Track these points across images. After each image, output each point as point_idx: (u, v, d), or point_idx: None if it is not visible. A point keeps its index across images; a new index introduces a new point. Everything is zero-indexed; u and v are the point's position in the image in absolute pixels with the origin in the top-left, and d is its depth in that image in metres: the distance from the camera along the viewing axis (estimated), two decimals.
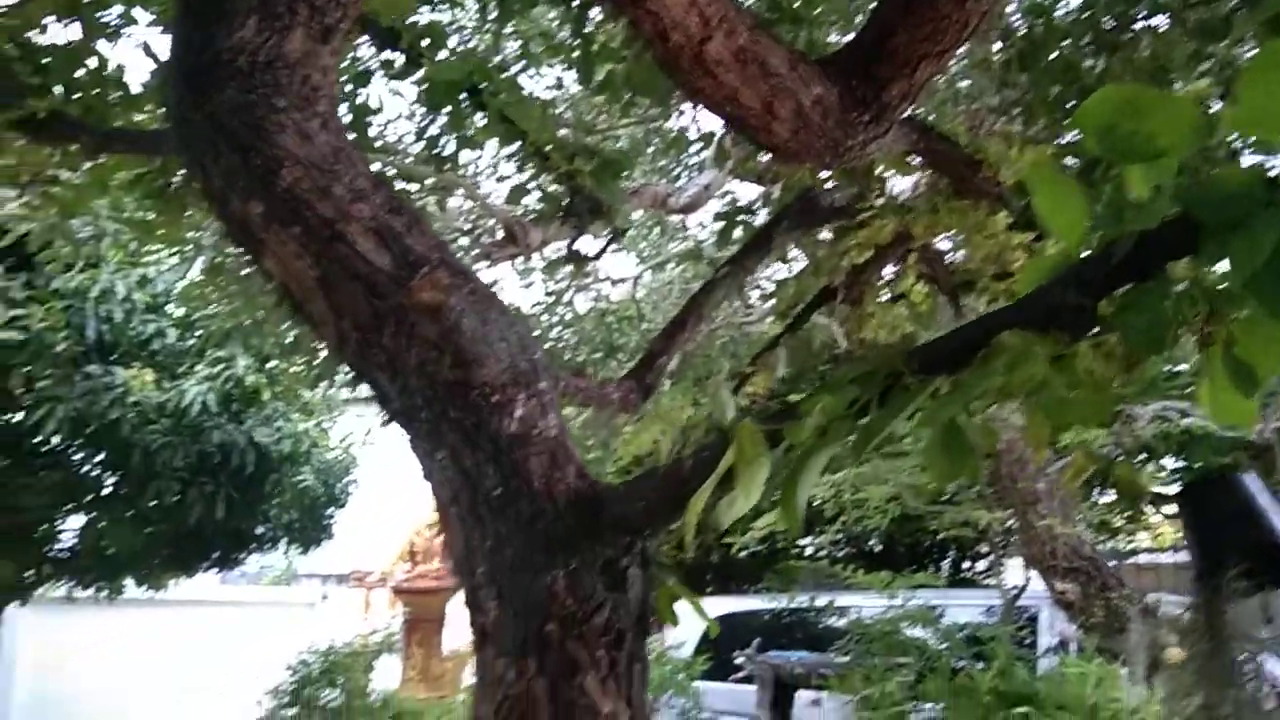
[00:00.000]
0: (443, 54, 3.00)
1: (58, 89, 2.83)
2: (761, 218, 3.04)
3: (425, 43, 2.91)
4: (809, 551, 8.94)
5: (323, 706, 7.20)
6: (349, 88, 3.34)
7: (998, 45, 2.67)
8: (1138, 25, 2.56)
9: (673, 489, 1.38)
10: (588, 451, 5.55)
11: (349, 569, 10.10)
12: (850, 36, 2.28)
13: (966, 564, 9.43)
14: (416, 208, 1.64)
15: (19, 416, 6.38)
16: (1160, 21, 2.60)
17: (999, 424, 6.01)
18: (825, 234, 3.03)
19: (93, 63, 2.91)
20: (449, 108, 2.88)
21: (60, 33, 2.96)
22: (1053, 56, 2.50)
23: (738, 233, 3.25)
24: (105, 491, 6.97)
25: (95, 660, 9.26)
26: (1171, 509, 6.82)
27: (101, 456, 6.70)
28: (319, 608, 10.92)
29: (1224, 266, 1.02)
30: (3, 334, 5.60)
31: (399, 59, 2.95)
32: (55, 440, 6.51)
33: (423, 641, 8.56)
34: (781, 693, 6.69)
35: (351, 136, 1.87)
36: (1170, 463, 6.87)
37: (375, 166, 2.15)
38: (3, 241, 5.16)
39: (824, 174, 2.41)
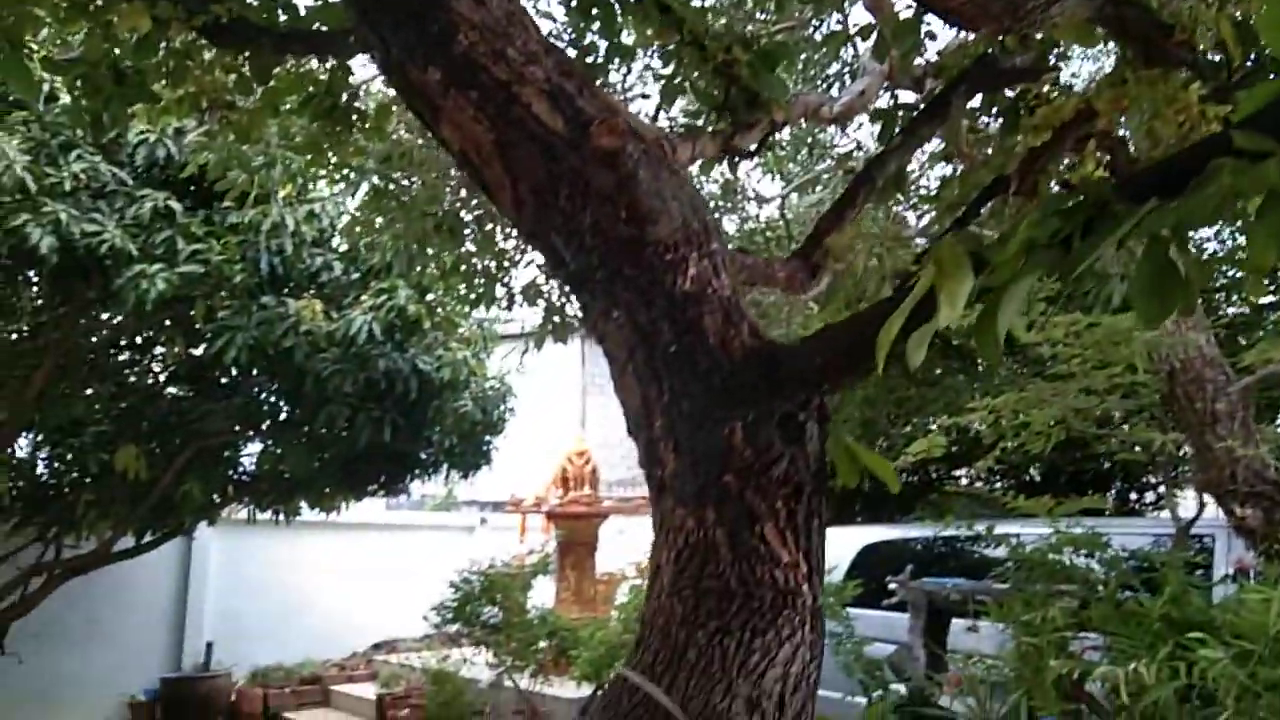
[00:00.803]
0: None
1: None
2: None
3: None
4: (964, 481, 8.72)
5: (484, 622, 7.51)
6: None
7: None
8: None
9: (851, 340, 1.36)
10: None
11: (506, 496, 10.45)
12: None
13: (1134, 495, 9.01)
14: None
15: (201, 350, 6.84)
16: None
17: (1177, 339, 5.68)
18: (995, 125, 2.88)
19: None
20: (601, 9, 2.86)
21: None
22: None
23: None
24: (281, 418, 7.42)
25: (275, 579, 9.94)
26: None
27: (277, 384, 7.11)
28: (478, 532, 11.40)
29: None
30: (186, 268, 5.97)
31: None
32: (235, 370, 6.95)
33: (576, 564, 8.82)
34: (936, 619, 6.57)
35: None
36: None
37: None
38: (184, 173, 5.52)
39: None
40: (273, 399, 7.34)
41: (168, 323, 6.62)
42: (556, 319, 5.04)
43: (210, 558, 9.63)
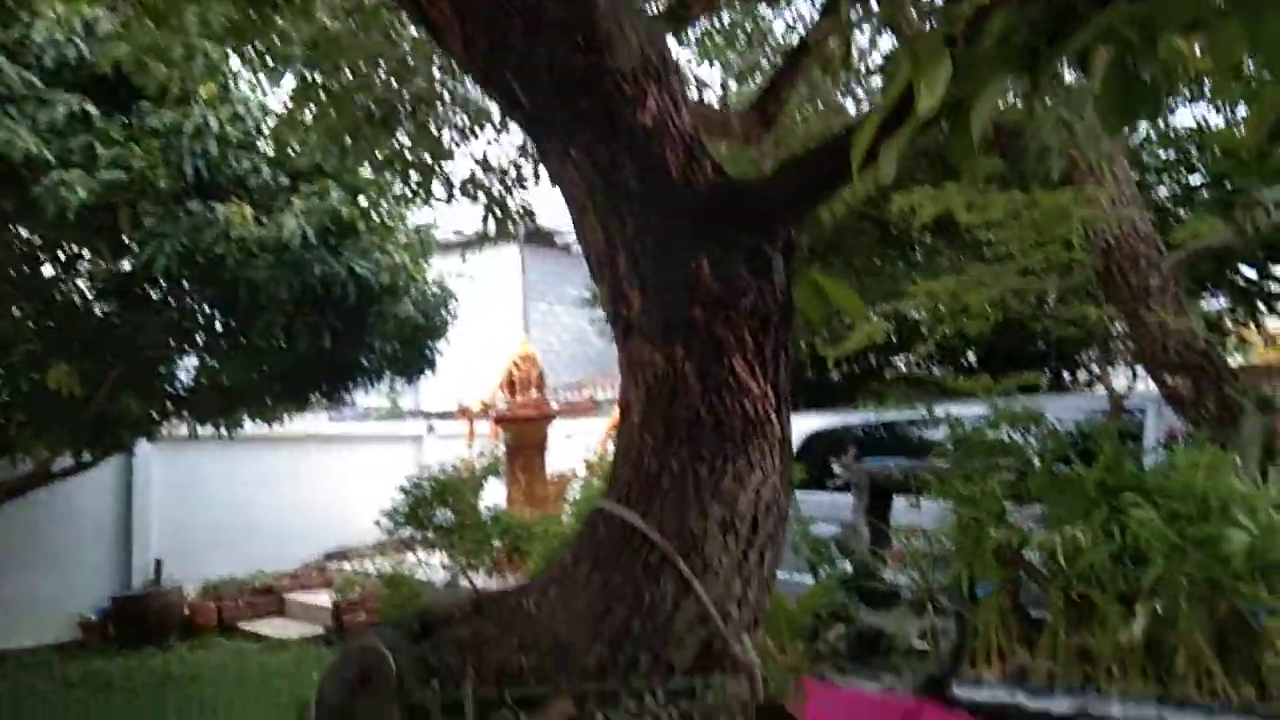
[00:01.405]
0: None
1: None
2: None
3: None
4: (904, 368, 8.90)
5: (436, 525, 7.55)
6: None
7: None
8: None
9: (817, 169, 1.35)
10: None
11: (452, 406, 10.43)
12: None
13: (1069, 374, 9.29)
14: None
15: (129, 264, 6.61)
16: None
17: (1114, 215, 5.78)
18: None
19: None
20: None
21: None
22: None
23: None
24: (216, 329, 7.24)
25: (221, 494, 9.85)
26: None
27: (209, 294, 6.92)
28: (426, 440, 11.38)
29: None
30: (107, 174, 5.73)
31: None
32: (165, 281, 6.74)
33: (526, 466, 8.88)
34: (879, 499, 6.76)
35: None
36: None
37: None
38: (98, 73, 5.25)
39: None
40: (206, 310, 7.15)
41: (92, 234, 6.37)
42: (498, 213, 4.95)
43: (153, 475, 9.49)
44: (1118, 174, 6.09)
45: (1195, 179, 8.40)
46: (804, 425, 7.90)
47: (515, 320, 13.52)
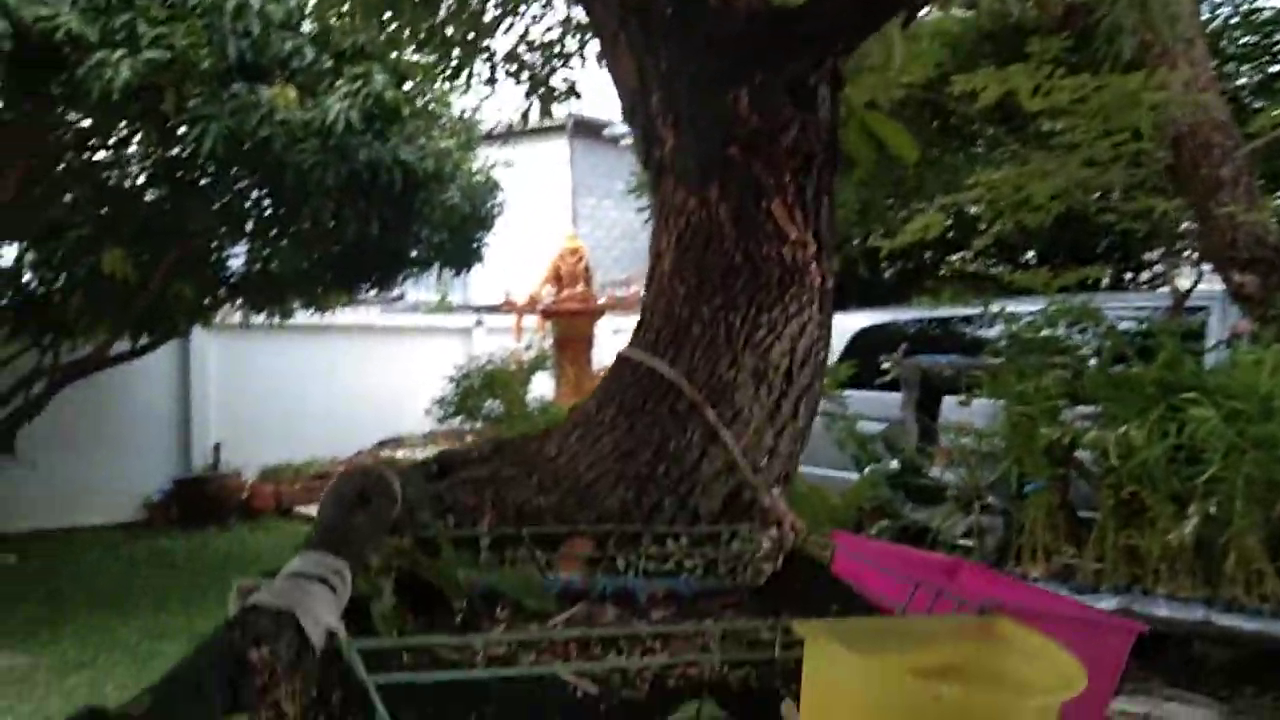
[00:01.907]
0: None
1: None
2: None
3: None
4: (959, 267, 8.68)
5: (485, 415, 7.62)
6: None
7: None
8: None
9: None
10: None
11: (500, 299, 10.44)
12: None
13: (1131, 273, 9.00)
14: None
15: (177, 149, 6.61)
16: None
17: (1188, 100, 5.48)
18: None
19: None
20: None
21: None
22: None
23: None
24: (265, 216, 7.26)
25: (276, 383, 10.04)
26: None
27: (257, 180, 6.91)
28: (474, 334, 11.45)
29: None
30: (150, 54, 5.67)
31: None
32: (213, 166, 6.74)
33: (574, 359, 8.89)
34: (928, 395, 6.67)
35: None
36: None
37: None
38: None
39: None
40: (254, 196, 7.16)
41: (138, 117, 6.35)
42: (541, 91, 4.81)
43: (209, 362, 9.68)
44: (1194, 58, 5.76)
45: (1277, 68, 7.94)
46: (852, 322, 7.77)
47: (563, 215, 13.40)
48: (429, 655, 0.85)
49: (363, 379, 10.53)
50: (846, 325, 7.68)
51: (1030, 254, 8.62)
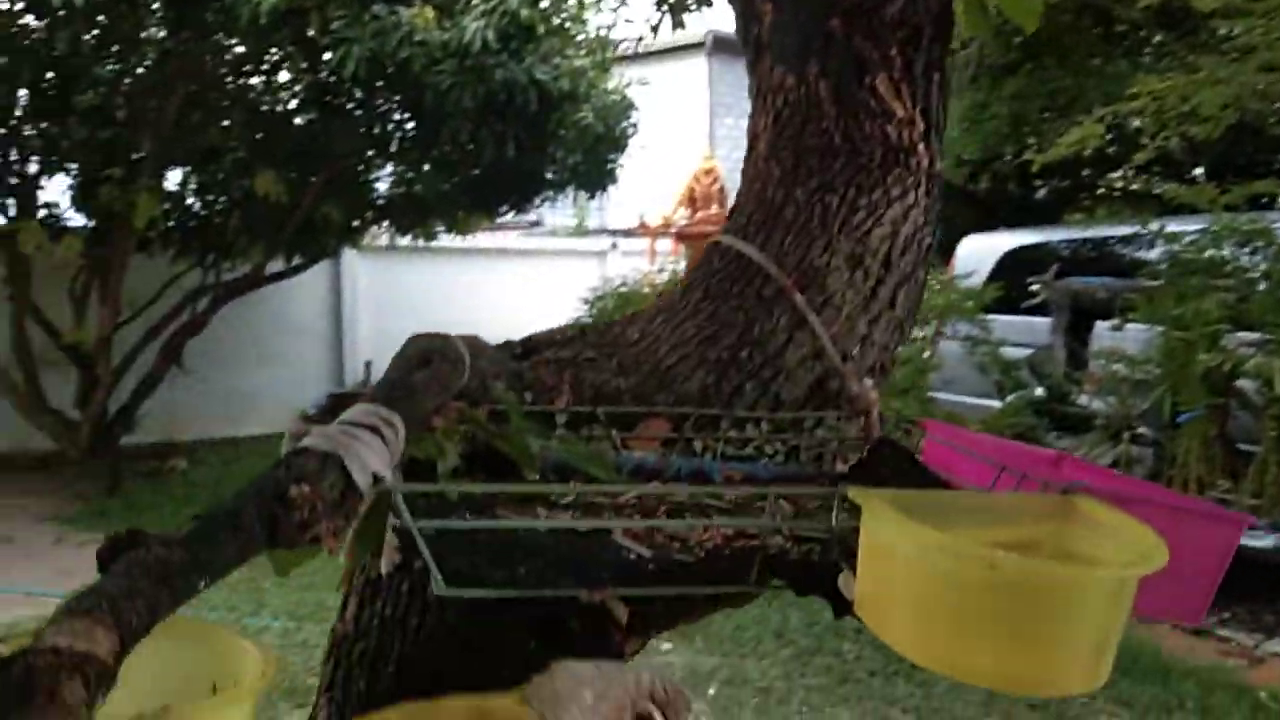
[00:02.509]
0: None
1: None
2: None
3: None
4: (1119, 185, 8.14)
5: None
6: None
7: None
8: None
9: None
10: None
11: (634, 223, 10.44)
12: None
13: None
14: None
15: (324, 73, 6.82)
16: None
17: None
18: None
19: None
20: None
21: None
22: None
23: None
24: (407, 138, 7.44)
25: (421, 303, 10.39)
26: None
27: (399, 101, 7.08)
28: (609, 256, 11.52)
29: None
30: None
31: None
32: (358, 91, 6.94)
33: None
34: (1079, 319, 6.32)
35: None
36: None
37: None
38: None
39: None
40: (397, 119, 7.34)
41: (287, 41, 6.56)
42: (673, 2, 4.71)
43: (359, 283, 10.09)
44: None
45: None
46: (1001, 242, 7.42)
47: (700, 136, 13.20)
48: (491, 515, 0.86)
49: (502, 301, 10.77)
50: (994, 246, 7.36)
51: (1198, 170, 8.00)
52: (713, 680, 4.30)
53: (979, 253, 7.24)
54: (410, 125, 7.34)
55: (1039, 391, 6.33)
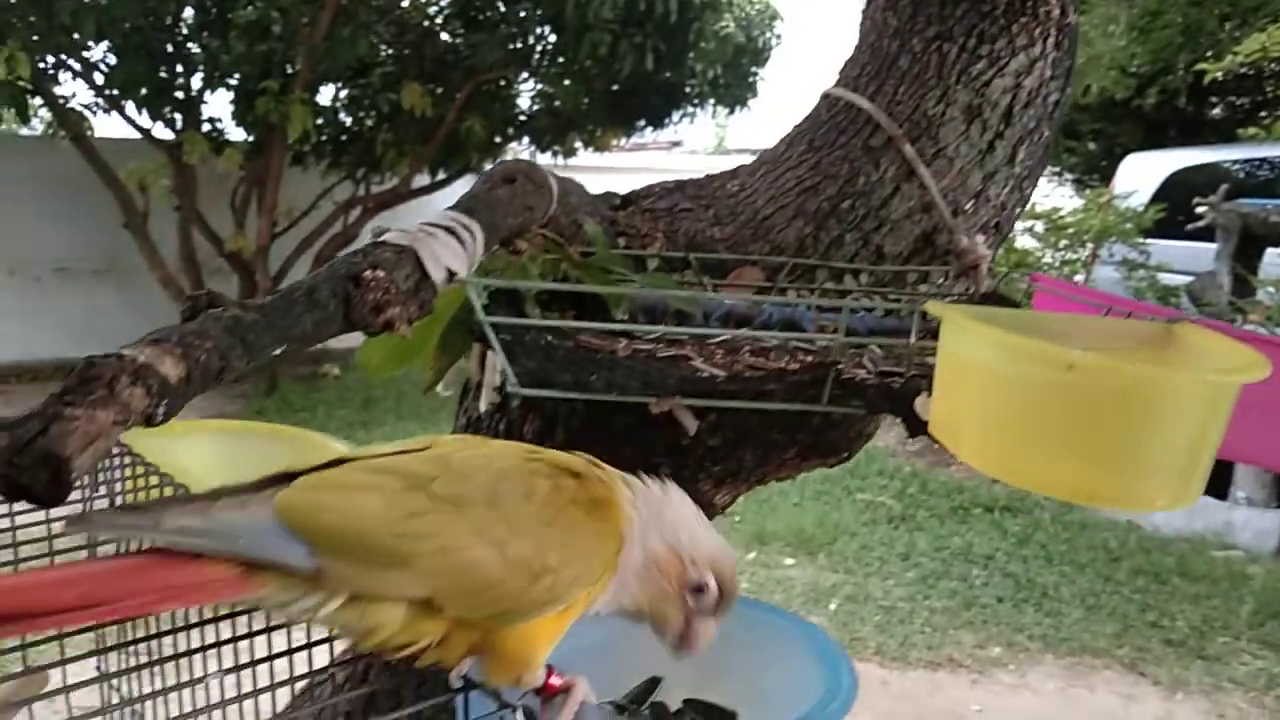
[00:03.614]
0: None
1: None
2: None
3: None
4: None
5: None
6: None
7: None
8: None
9: None
10: None
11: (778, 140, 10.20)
12: None
13: None
14: None
15: None
16: None
17: None
18: None
19: None
20: None
21: None
22: None
23: None
24: (549, 50, 7.46)
25: None
26: None
27: (541, 13, 7.08)
28: None
29: None
30: None
31: None
32: (501, 4, 6.98)
33: None
34: (1248, 244, 5.88)
35: None
36: None
37: None
38: None
39: None
40: (539, 32, 7.35)
41: None
42: None
43: None
44: None
45: None
46: (1167, 162, 6.94)
47: (847, 48, 12.69)
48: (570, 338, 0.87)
49: None
50: (1160, 165, 6.91)
51: None
52: (835, 596, 4.30)
53: (1143, 172, 6.80)
54: (552, 38, 7.34)
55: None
